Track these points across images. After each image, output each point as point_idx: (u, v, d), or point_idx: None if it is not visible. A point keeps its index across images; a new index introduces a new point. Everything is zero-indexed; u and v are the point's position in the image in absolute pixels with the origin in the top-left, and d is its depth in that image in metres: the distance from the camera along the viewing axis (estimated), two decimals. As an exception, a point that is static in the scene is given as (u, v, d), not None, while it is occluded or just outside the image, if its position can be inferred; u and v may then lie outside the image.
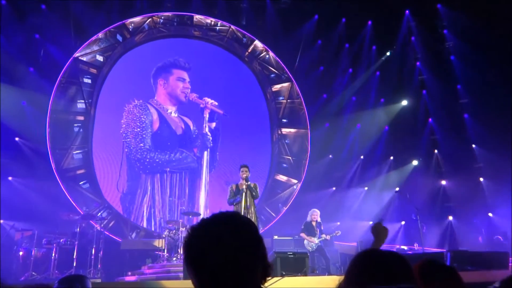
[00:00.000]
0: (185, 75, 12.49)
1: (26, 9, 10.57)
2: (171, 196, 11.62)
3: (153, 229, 11.13)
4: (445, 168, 12.72)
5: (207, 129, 12.55)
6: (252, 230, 1.28)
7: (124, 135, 11.61)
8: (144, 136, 11.73)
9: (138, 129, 11.74)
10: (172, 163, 11.86)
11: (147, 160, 11.65)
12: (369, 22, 13.26)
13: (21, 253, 8.39)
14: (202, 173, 12.30)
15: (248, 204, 7.11)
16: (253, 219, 7.06)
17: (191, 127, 12.50)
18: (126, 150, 11.54)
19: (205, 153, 12.45)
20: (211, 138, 12.51)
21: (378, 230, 2.42)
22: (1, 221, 9.07)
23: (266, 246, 2.00)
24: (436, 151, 13.08)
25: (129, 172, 11.54)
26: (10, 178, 9.72)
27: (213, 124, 12.66)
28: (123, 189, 11.32)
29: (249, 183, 7.27)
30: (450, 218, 12.38)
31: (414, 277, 1.40)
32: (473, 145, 12.58)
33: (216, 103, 12.53)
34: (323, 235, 8.94)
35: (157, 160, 11.72)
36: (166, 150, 11.94)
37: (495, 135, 11.17)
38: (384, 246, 2.50)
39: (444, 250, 8.41)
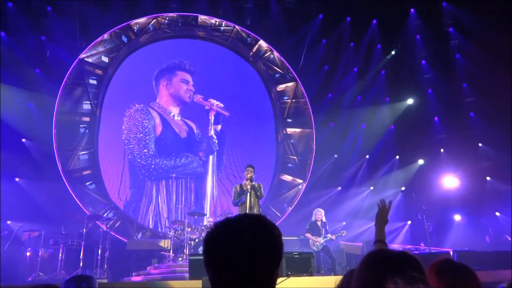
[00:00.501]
0: (189, 77, 12.42)
1: (32, 11, 10.65)
2: (177, 203, 11.40)
3: (159, 229, 11.15)
4: (451, 167, 12.64)
5: (212, 132, 12.37)
6: (276, 233, 1.30)
7: (126, 141, 11.42)
8: (147, 141, 11.55)
9: (141, 135, 11.55)
10: (178, 169, 11.68)
11: (152, 166, 11.48)
12: (374, 21, 13.21)
13: (28, 253, 8.45)
14: (208, 178, 12.11)
15: (252, 204, 7.10)
16: (257, 219, 7.03)
17: (195, 130, 12.35)
18: (129, 157, 11.34)
19: (211, 157, 12.28)
20: (216, 141, 12.36)
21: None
22: (9, 222, 9.14)
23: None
24: (442, 150, 13.01)
25: (132, 179, 11.34)
26: (17, 179, 9.80)
27: (219, 127, 12.52)
28: (126, 197, 11.15)
29: (253, 183, 7.26)
30: (457, 217, 12.31)
31: (426, 277, 1.39)
32: (479, 144, 12.51)
33: (222, 105, 12.43)
34: (329, 235, 8.92)
35: (162, 166, 11.56)
36: (171, 155, 11.76)
37: (501, 133, 11.10)
38: (390, 247, 2.52)
39: (451, 250, 8.35)
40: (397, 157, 13.20)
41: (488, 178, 12.25)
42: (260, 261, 1.21)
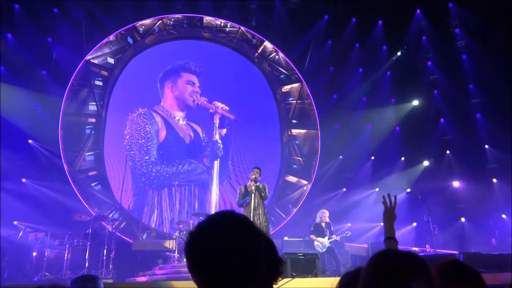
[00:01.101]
0: (195, 79, 12.32)
1: (39, 13, 10.73)
2: (181, 211, 11.06)
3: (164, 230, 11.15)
4: (457, 169, 12.58)
5: (217, 136, 12.08)
6: (248, 224, 1.26)
7: (128, 147, 11.21)
8: (149, 147, 11.29)
9: (143, 141, 11.28)
10: (181, 176, 11.37)
11: (153, 174, 11.20)
12: (380, 22, 13.17)
13: (34, 253, 8.50)
14: (213, 185, 11.77)
15: (256, 205, 7.10)
16: (261, 220, 7.06)
17: (200, 134, 12.09)
18: (130, 163, 11.11)
19: (216, 162, 11.97)
20: (221, 146, 12.09)
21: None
22: (15, 222, 9.21)
23: (276, 247, 2.00)
24: (448, 151, 12.94)
25: (134, 187, 11.11)
26: (23, 180, 9.87)
27: (224, 131, 12.26)
28: (129, 205, 10.98)
29: (257, 184, 7.26)
30: (463, 219, 12.24)
31: (432, 277, 1.39)
32: (486, 146, 12.43)
33: (227, 108, 12.22)
34: (333, 236, 8.91)
35: (164, 173, 11.28)
36: (174, 162, 11.45)
37: (508, 135, 11.02)
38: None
39: (456, 252, 8.31)
40: (403, 158, 13.14)
41: (494, 180, 12.17)
42: (242, 256, 1.19)
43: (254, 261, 1.21)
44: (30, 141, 10.17)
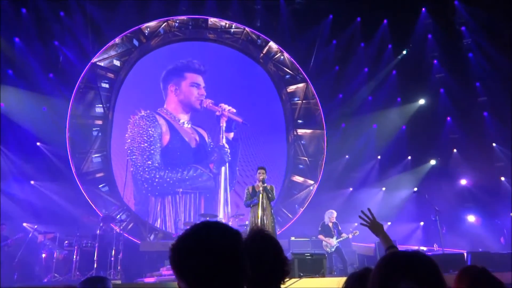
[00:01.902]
0: (199, 79, 12.16)
1: (46, 17, 10.82)
2: (186, 220, 10.59)
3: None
4: (464, 168, 12.50)
5: (224, 141, 11.75)
6: (227, 231, 1.31)
7: (129, 151, 10.96)
8: (152, 152, 10.95)
9: (145, 144, 10.93)
10: (185, 182, 11.00)
11: (156, 179, 10.85)
12: (385, 21, 13.12)
13: (43, 255, 8.59)
14: (220, 192, 11.42)
15: (264, 206, 7.12)
16: (269, 221, 7.07)
17: (206, 139, 11.82)
18: (131, 169, 10.85)
19: (223, 168, 11.63)
20: (229, 151, 11.82)
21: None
22: (25, 224, 9.31)
23: (283, 247, 2.02)
24: (455, 150, 12.87)
25: (136, 195, 10.83)
26: (32, 182, 9.97)
27: (231, 134, 12.00)
28: None
29: (265, 185, 7.27)
30: (471, 218, 12.16)
31: (443, 278, 1.39)
32: (493, 144, 12.35)
33: (234, 110, 11.98)
34: (343, 234, 8.90)
35: (167, 179, 10.95)
36: (178, 168, 11.10)
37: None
38: (401, 247, 2.53)
39: (464, 251, 8.26)
40: (409, 157, 13.09)
41: (502, 179, 12.09)
42: (222, 261, 1.23)
43: (236, 263, 1.25)
44: (38, 143, 10.27)
